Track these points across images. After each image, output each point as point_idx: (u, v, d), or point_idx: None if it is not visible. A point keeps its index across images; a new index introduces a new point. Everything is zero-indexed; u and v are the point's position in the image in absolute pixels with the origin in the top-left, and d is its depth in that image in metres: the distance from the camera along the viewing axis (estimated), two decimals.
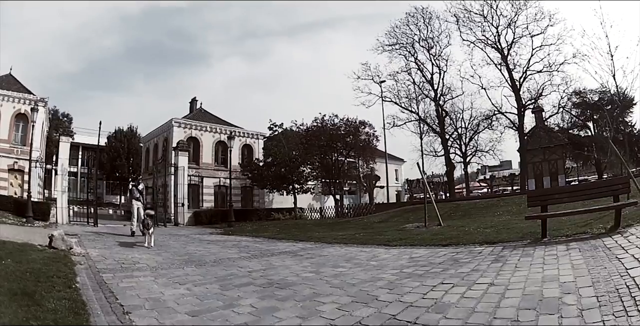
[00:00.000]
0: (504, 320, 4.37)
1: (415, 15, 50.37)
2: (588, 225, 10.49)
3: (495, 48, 48.24)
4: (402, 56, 50.62)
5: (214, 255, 11.58)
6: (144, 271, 8.48)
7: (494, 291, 5.52)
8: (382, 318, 4.71)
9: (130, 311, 5.22)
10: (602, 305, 4.41)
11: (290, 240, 15.29)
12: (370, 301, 5.46)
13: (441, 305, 5.04)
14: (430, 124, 50.04)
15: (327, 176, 42.78)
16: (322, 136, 41.04)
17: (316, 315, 4.97)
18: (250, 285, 6.83)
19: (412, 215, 20.35)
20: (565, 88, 45.69)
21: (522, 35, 47.39)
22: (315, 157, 41.21)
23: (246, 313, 5.17)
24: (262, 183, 39.76)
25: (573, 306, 4.53)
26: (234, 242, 16.15)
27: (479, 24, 48.80)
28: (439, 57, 50.19)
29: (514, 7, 47.05)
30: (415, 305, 5.11)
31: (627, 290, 4.74)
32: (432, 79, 50.23)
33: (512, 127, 47.68)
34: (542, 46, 46.41)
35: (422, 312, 4.80)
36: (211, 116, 47.57)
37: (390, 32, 50.78)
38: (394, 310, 4.97)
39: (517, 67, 47.72)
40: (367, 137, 43.92)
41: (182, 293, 6.39)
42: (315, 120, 42.55)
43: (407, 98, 49.25)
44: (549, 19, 45.82)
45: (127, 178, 58.38)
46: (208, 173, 41.53)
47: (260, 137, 45.65)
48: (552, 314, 4.37)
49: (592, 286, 5.17)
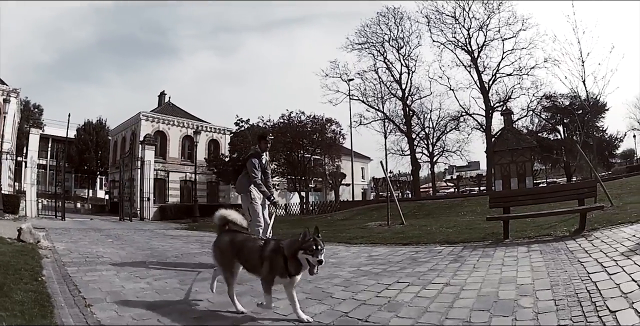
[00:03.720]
0: (456, 320, 4.40)
1: (387, 15, 51.31)
2: (552, 228, 10.56)
3: (466, 50, 49.02)
4: (372, 55, 51.47)
5: (177, 250, 11.62)
6: (106, 266, 8.45)
7: (449, 291, 5.56)
8: (334, 315, 4.79)
9: (92, 304, 5.23)
10: (560, 309, 4.45)
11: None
12: (324, 299, 5.55)
13: (394, 304, 5.10)
14: (397, 123, 50.52)
15: (292, 173, 42.94)
16: (288, 133, 41.22)
17: (270, 311, 4.93)
18: (209, 281, 6.44)
19: (376, 214, 20.49)
20: (535, 92, 46.73)
21: (493, 38, 48.34)
22: (281, 153, 41.48)
23: (202, 308, 5.21)
24: (227, 178, 39.69)
25: (529, 309, 4.56)
26: (197, 237, 16.22)
27: (450, 25, 49.66)
28: (408, 57, 51.04)
29: (487, 10, 48.08)
30: (368, 303, 5.18)
31: (587, 295, 4.79)
32: (400, 79, 51.03)
33: (480, 129, 48.46)
34: (514, 50, 47.53)
35: (375, 310, 4.86)
36: (179, 110, 47.70)
37: (361, 31, 51.68)
38: (347, 307, 5.05)
39: (487, 69, 48.69)
40: (333, 134, 44.36)
41: (142, 287, 6.41)
42: (282, 117, 42.85)
43: (375, 97, 49.91)
44: (522, 23, 46.95)
45: (95, 172, 58.25)
46: (174, 168, 41.80)
47: (227, 132, 45.97)
48: (506, 316, 4.41)
49: (551, 289, 5.20)
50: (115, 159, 46.31)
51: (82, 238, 14.16)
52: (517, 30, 47.28)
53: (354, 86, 49.82)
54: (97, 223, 25.46)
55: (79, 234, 15.80)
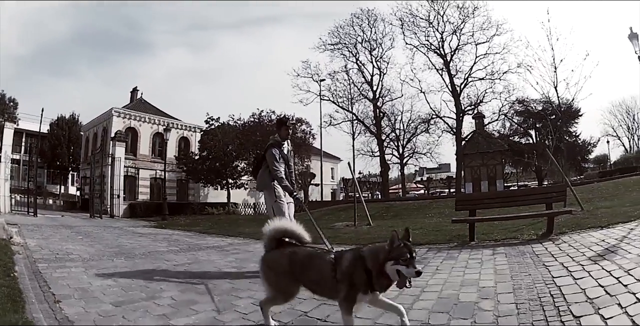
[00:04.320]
0: (414, 321, 4.34)
1: (360, 17, 51.51)
2: (519, 231, 10.57)
3: (438, 53, 49.25)
4: (344, 56, 51.48)
5: (144, 248, 11.66)
6: (76, 262, 8.55)
7: (409, 292, 5.34)
8: (294, 314, 4.83)
9: (60, 300, 5.32)
10: (521, 313, 4.45)
11: (220, 235, 15.37)
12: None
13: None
14: (367, 125, 50.83)
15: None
16: (258, 132, 41.10)
17: (231, 309, 5.07)
18: (173, 278, 6.94)
19: (344, 214, 20.53)
20: (507, 96, 47.00)
21: (467, 43, 48.69)
22: (251, 152, 41.01)
23: (165, 305, 5.23)
24: (196, 176, 39.98)
25: (489, 312, 4.56)
26: (165, 235, 16.28)
27: (424, 28, 49.82)
28: (380, 59, 51.35)
29: (462, 15, 48.27)
30: (328, 303, 5.02)
31: (550, 299, 4.79)
32: (371, 80, 51.41)
33: (450, 132, 48.64)
34: (487, 54, 47.78)
35: (333, 311, 4.74)
36: (150, 107, 47.34)
37: (334, 32, 51.80)
38: (307, 307, 5.05)
39: (459, 73, 48.96)
40: (303, 134, 44.68)
41: (108, 284, 6.46)
42: (253, 116, 43.10)
43: (346, 98, 50.02)
44: (497, 29, 47.19)
45: (67, 168, 57.49)
46: (145, 165, 41.50)
47: (197, 130, 45.71)
48: (465, 318, 4.41)
49: (513, 292, 5.20)
50: (87, 155, 45.82)
51: (53, 235, 14.25)
52: (491, 35, 47.64)
53: (325, 86, 49.92)
54: (68, 220, 25.36)
55: (50, 231, 15.88)
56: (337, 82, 50.61)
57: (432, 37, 49.75)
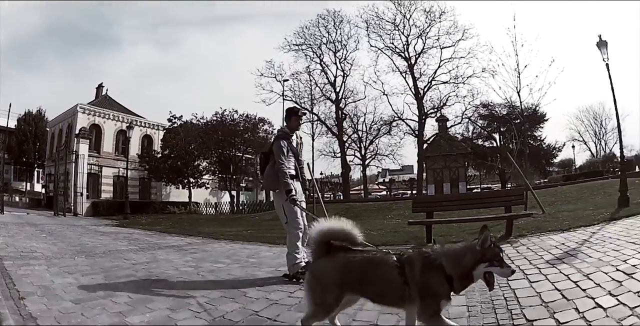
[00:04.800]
0: (363, 322, 4.49)
1: (326, 18, 51.23)
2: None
3: (403, 57, 49.38)
4: (308, 56, 51.32)
5: (105, 246, 11.78)
6: (39, 260, 8.70)
7: None
8: (245, 313, 4.90)
9: (24, 297, 5.46)
10: (472, 315, 4.48)
11: (180, 235, 15.48)
12: (238, 297, 5.66)
13: (304, 305, 4.71)
14: (329, 126, 50.96)
15: (223, 171, 43.02)
16: (220, 131, 41.22)
17: (184, 308, 5.16)
18: (131, 277, 7.06)
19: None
20: (471, 100, 47.09)
21: (432, 46, 48.77)
22: (213, 151, 41.45)
23: (122, 303, 5.36)
24: (158, 175, 39.80)
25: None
26: (126, 234, 16.39)
27: (389, 31, 49.86)
28: (344, 61, 51.21)
29: (428, 19, 48.42)
30: (279, 303, 5.31)
31: (504, 302, 4.84)
32: (335, 82, 51.21)
33: (412, 134, 48.71)
34: (452, 58, 47.88)
35: (284, 310, 4.99)
36: (115, 103, 46.74)
37: (299, 32, 51.44)
38: (258, 306, 5.17)
39: (423, 76, 49.00)
40: (265, 134, 43.91)
41: (69, 282, 6.57)
42: (216, 115, 42.73)
43: (308, 99, 50.04)
44: (463, 34, 47.39)
45: (33, 164, 56.53)
46: (108, 163, 41.10)
47: (160, 128, 45.40)
48: None
49: (465, 295, 4.99)
50: (52, 152, 44.74)
51: (19, 233, 14.42)
52: (457, 40, 47.88)
53: (287, 87, 49.77)
54: (33, 217, 25.26)
55: (15, 228, 16.01)
56: (300, 83, 50.71)
57: (397, 40, 50.03)
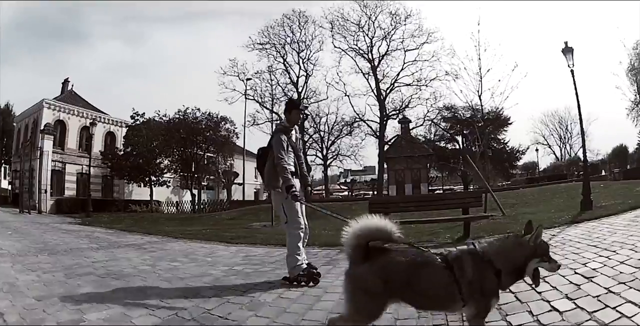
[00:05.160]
0: (311, 321, 4.56)
1: (292, 18, 51.92)
2: (435, 234, 10.95)
3: (366, 58, 49.94)
4: (272, 56, 51.63)
5: (67, 244, 12.05)
6: (5, 257, 9.07)
7: (312, 293, 5.67)
8: (198, 311, 4.97)
9: None
10: (422, 317, 4.49)
11: (140, 233, 15.57)
12: (192, 296, 5.72)
13: (256, 303, 5.28)
14: None
15: (185, 170, 43.02)
16: (182, 129, 41.27)
17: (140, 306, 5.23)
18: (90, 275, 7.23)
19: (264, 214, 20.70)
20: (434, 102, 47.81)
21: (396, 49, 49.60)
22: (175, 149, 41.52)
23: (82, 300, 5.47)
24: (120, 173, 39.66)
25: (389, 314, 4.44)
26: (88, 232, 16.53)
27: (354, 33, 50.41)
28: (308, 61, 51.86)
29: (394, 22, 49.23)
30: (231, 302, 5.36)
31: None
32: (297, 81, 52.00)
33: (374, 135, 49.12)
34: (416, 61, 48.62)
35: (236, 308, 5.06)
36: (80, 99, 46.37)
37: (264, 31, 51.92)
38: (211, 305, 5.23)
39: (386, 77, 49.60)
40: (227, 133, 44.63)
41: (32, 279, 6.86)
42: (178, 112, 42.73)
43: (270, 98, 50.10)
44: (427, 37, 48.34)
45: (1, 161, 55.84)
46: (72, 160, 40.74)
47: (123, 125, 45.19)
48: None
49: None
50: (17, 148, 44.82)
51: None
52: (422, 43, 48.69)
53: (250, 86, 49.88)
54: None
55: None
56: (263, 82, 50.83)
57: (361, 41, 50.55)
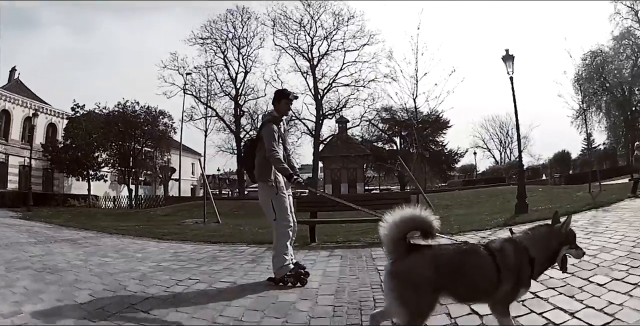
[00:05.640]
0: (228, 318, 4.60)
1: (235, 13, 52.26)
2: (364, 234, 10.82)
3: (305, 57, 50.67)
4: (212, 51, 51.60)
5: (8, 238, 12.01)
6: None
7: (232, 290, 5.77)
8: (123, 305, 5.07)
9: None
10: (337, 315, 4.54)
11: (77, 228, 15.48)
12: (119, 290, 5.81)
13: (178, 299, 5.39)
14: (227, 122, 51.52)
15: (122, 164, 42.69)
16: (120, 122, 40.94)
17: (71, 299, 5.33)
18: (28, 269, 7.30)
19: (198, 211, 20.55)
20: (371, 103, 48.61)
21: (336, 49, 50.17)
22: (113, 143, 41.12)
23: (19, 293, 5.62)
24: (60, 166, 38.85)
25: (304, 312, 4.67)
26: (28, 226, 16.47)
27: (295, 31, 51.02)
28: (247, 57, 52.01)
29: (336, 22, 49.87)
30: (155, 297, 5.48)
31: (372, 304, 4.86)
32: (236, 78, 51.99)
33: (309, 134, 50.06)
34: (355, 62, 49.44)
35: (158, 303, 5.17)
36: (26, 89, 45.32)
37: (207, 26, 51.95)
38: (136, 300, 5.31)
39: (325, 77, 50.42)
40: (165, 127, 44.63)
41: None
42: (118, 105, 42.45)
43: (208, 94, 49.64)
44: (368, 39, 49.15)
45: None
46: (15, 151, 40.05)
47: (64, 117, 44.48)
48: (277, 318, 4.55)
49: (334, 295, 5.32)
50: None
51: None
52: (363, 44, 49.58)
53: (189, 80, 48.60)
54: None
55: None
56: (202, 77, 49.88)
57: (302, 40, 51.25)
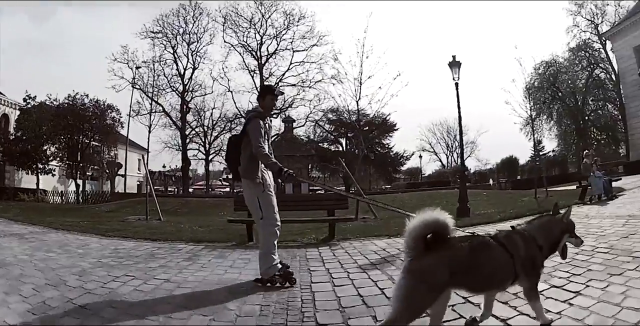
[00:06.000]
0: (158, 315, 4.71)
1: (187, 8, 52.72)
2: (302, 234, 11.06)
3: (254, 56, 51.27)
4: (163, 45, 52.09)
5: None
6: None
7: (165, 287, 5.90)
8: (62, 300, 5.20)
9: None
10: (263, 315, 4.66)
11: (25, 223, 15.39)
12: (59, 285, 5.96)
13: (113, 295, 5.53)
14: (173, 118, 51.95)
15: (71, 158, 42.21)
16: (69, 115, 40.51)
17: (16, 293, 5.49)
18: None
19: (142, 207, 20.23)
20: (317, 104, 49.46)
21: (285, 49, 51.03)
22: (62, 136, 40.72)
23: None
24: (11, 159, 38.19)
25: (232, 311, 4.78)
26: None
27: (245, 29, 51.66)
28: (197, 53, 52.77)
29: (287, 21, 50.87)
30: (92, 292, 5.59)
31: (299, 304, 4.99)
32: (184, 74, 52.62)
33: None
34: (303, 62, 50.32)
35: (95, 299, 5.30)
36: None
37: (159, 20, 52.47)
38: (74, 294, 5.46)
39: (272, 76, 50.97)
40: (112, 122, 44.40)
41: None
42: (68, 97, 42.00)
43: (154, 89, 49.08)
44: (317, 40, 50.14)
45: None
46: None
47: (17, 108, 43.65)
48: (206, 315, 4.65)
49: (263, 294, 5.44)
50: None
51: None
52: (311, 45, 50.50)
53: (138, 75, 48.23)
54: None
55: None
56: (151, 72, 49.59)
57: (251, 38, 51.78)
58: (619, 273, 5.26)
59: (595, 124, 55.11)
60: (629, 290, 4.55)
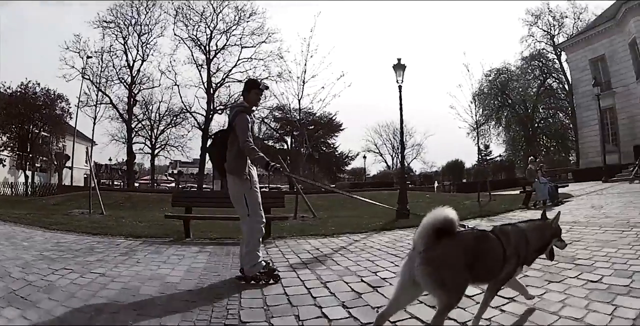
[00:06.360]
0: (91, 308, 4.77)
1: None
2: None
3: (202, 50, 50.97)
4: (114, 36, 50.72)
5: None
6: None
7: (100, 281, 5.94)
8: (6, 291, 5.28)
9: None
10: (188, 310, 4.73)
11: None
12: (4, 277, 5.99)
13: (52, 287, 5.56)
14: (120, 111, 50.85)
15: (21, 148, 41.16)
16: (20, 104, 39.63)
17: None
18: None
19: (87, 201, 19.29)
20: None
21: (234, 44, 50.69)
22: (13, 126, 39.76)
23: None
24: None
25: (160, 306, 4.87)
26: None
27: (196, 23, 51.07)
28: (147, 45, 51.65)
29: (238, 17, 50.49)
30: (33, 284, 5.65)
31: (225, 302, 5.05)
32: (133, 65, 51.31)
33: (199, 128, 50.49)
34: (251, 59, 50.21)
35: (34, 291, 5.36)
36: None
37: (112, 9, 50.66)
38: (17, 286, 5.53)
39: (219, 72, 50.94)
40: (62, 112, 43.43)
41: None
42: (21, 85, 40.79)
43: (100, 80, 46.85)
44: (267, 36, 49.95)
45: None
46: None
47: None
48: (134, 310, 4.71)
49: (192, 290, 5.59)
50: None
51: None
52: (260, 42, 50.31)
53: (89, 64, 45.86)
54: None
55: None
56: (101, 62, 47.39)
57: (201, 32, 51.32)
58: (558, 280, 5.31)
59: (544, 132, 56.73)
60: (569, 298, 4.59)
